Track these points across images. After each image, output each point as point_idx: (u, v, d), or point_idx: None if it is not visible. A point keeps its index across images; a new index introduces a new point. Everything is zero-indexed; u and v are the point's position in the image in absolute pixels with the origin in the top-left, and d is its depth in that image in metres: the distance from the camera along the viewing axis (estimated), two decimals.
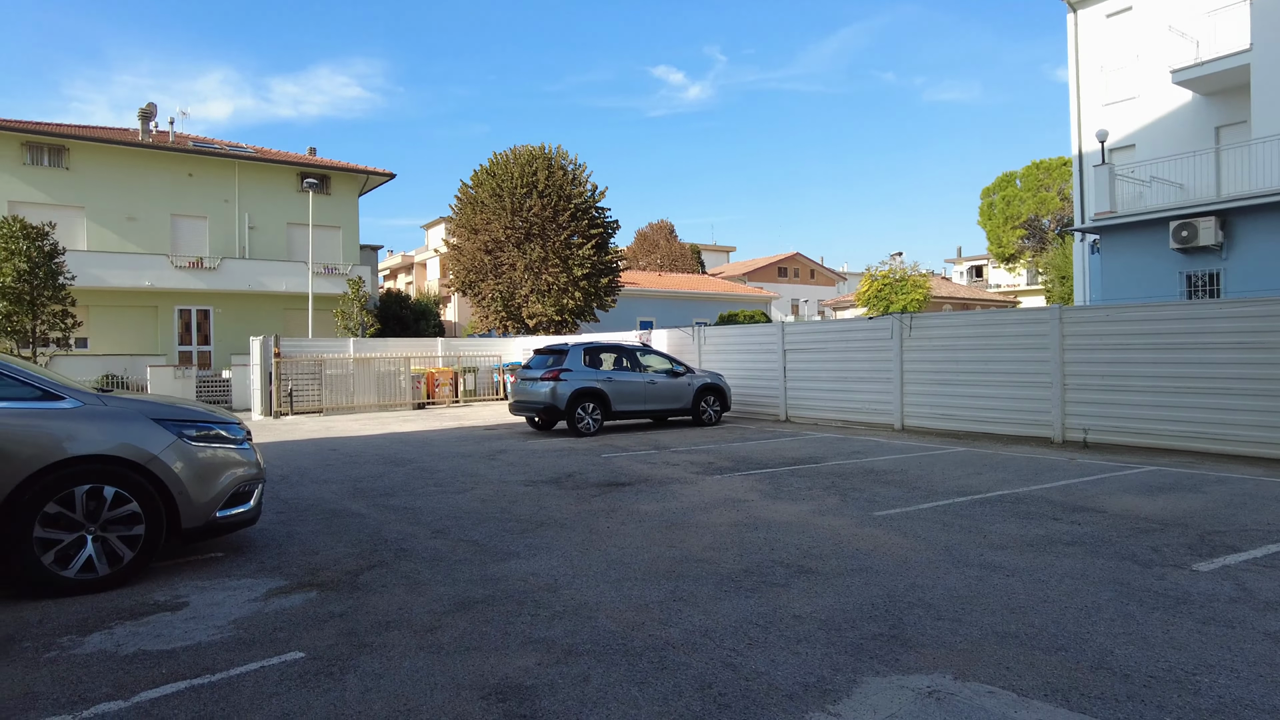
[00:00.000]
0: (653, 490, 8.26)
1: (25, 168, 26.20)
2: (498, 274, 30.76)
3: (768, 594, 4.67)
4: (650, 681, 3.45)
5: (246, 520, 5.72)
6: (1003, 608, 4.37)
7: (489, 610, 4.46)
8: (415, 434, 14.92)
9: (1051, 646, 3.80)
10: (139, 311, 27.94)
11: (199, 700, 3.31)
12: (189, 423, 5.43)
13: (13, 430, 4.77)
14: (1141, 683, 3.37)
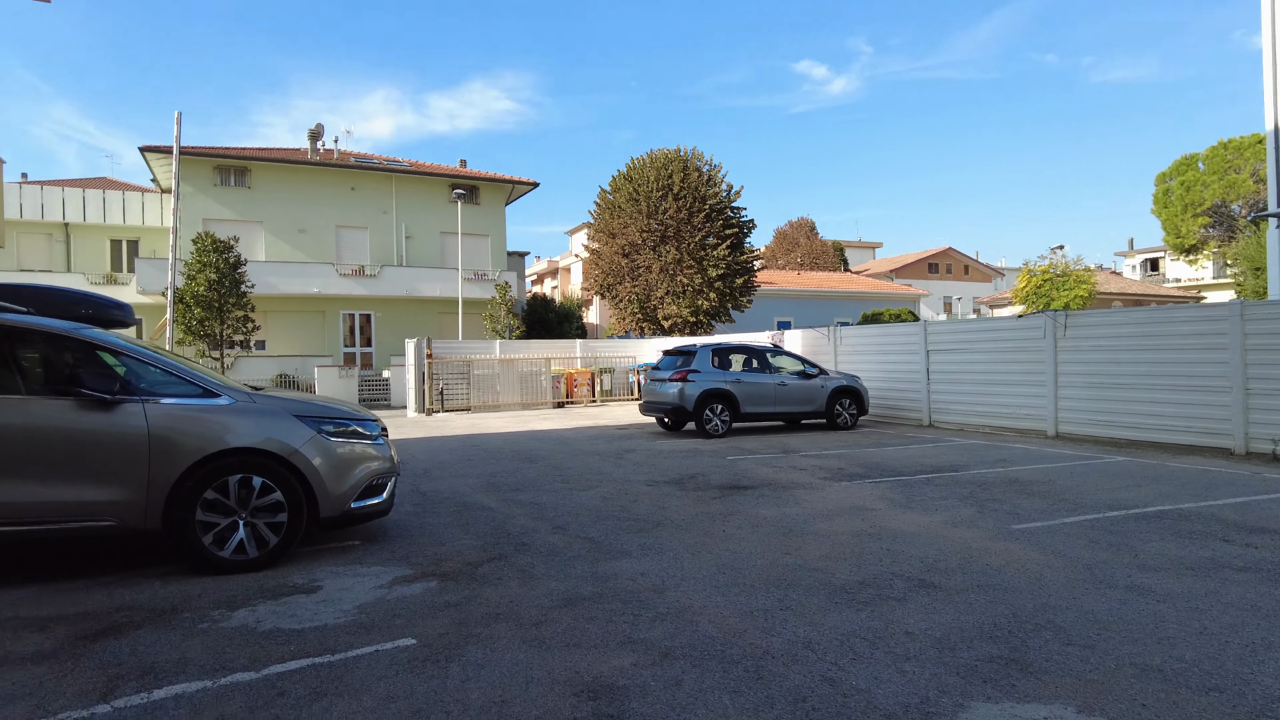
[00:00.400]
0: (774, 495, 8.10)
1: (215, 188, 29.21)
2: (634, 277, 31.21)
3: (881, 608, 4.45)
4: (743, 690, 3.37)
5: (379, 511, 6.09)
6: (1148, 637, 3.95)
7: (594, 608, 4.51)
8: (551, 432, 15.39)
9: (1203, 686, 3.39)
10: (309, 316, 30.47)
11: (317, 677, 3.55)
12: (327, 419, 5.85)
13: (181, 423, 5.31)
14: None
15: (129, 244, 31.55)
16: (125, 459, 5.12)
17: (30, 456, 4.96)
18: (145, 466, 5.14)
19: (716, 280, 30.16)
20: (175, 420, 5.30)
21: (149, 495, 5.15)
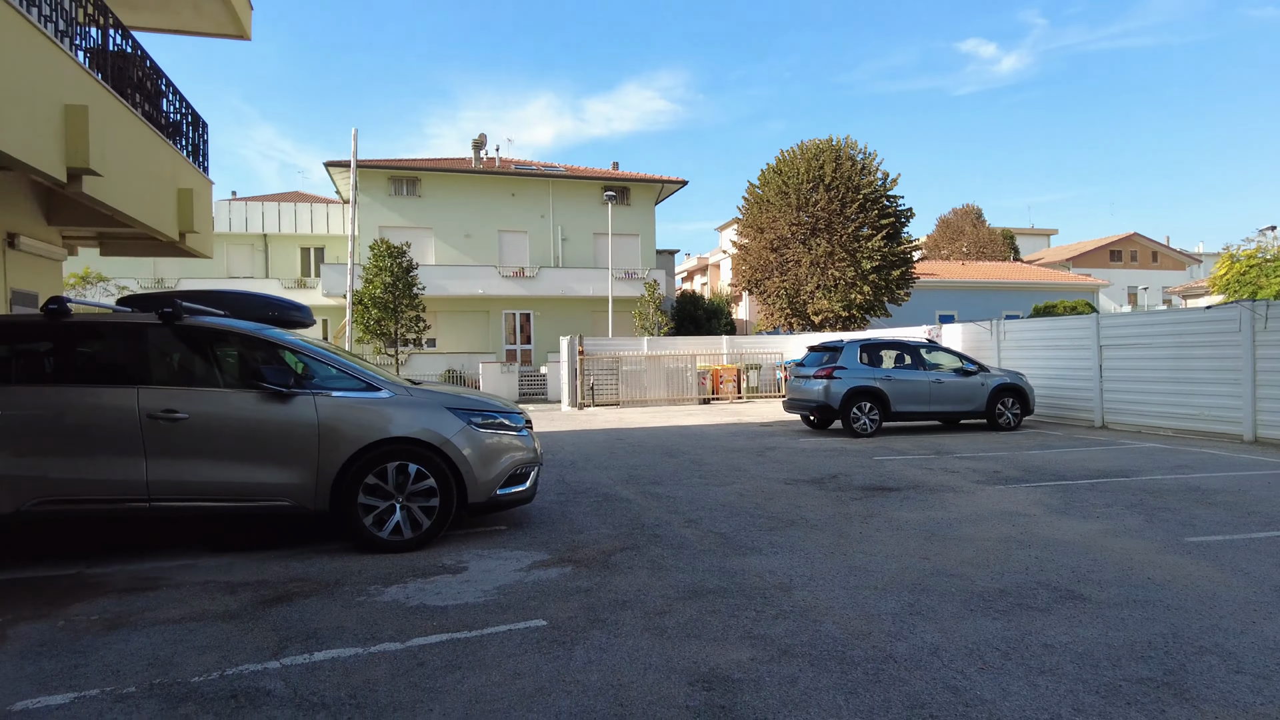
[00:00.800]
0: (920, 498, 7.79)
1: (390, 198, 31.59)
2: (783, 271, 30.76)
3: (1020, 618, 4.21)
4: (859, 692, 3.32)
5: (522, 499, 6.44)
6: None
7: (718, 601, 4.57)
8: (694, 428, 15.52)
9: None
10: (474, 315, 32.33)
11: (453, 651, 3.84)
12: (476, 411, 6.25)
13: (346, 414, 5.86)
14: None
15: (316, 251, 34.77)
16: (299, 446, 5.72)
17: (225, 442, 5.65)
18: (315, 453, 5.72)
19: (871, 273, 29.18)
20: (342, 411, 5.86)
21: (318, 479, 5.72)
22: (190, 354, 5.99)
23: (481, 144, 34.61)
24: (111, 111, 8.44)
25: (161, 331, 5.86)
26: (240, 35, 13.60)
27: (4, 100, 6.37)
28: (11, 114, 6.49)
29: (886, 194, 30.16)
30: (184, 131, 11.62)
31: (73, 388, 5.64)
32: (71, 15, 8.00)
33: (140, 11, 12.60)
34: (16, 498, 5.32)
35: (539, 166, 35.42)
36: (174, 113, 11.25)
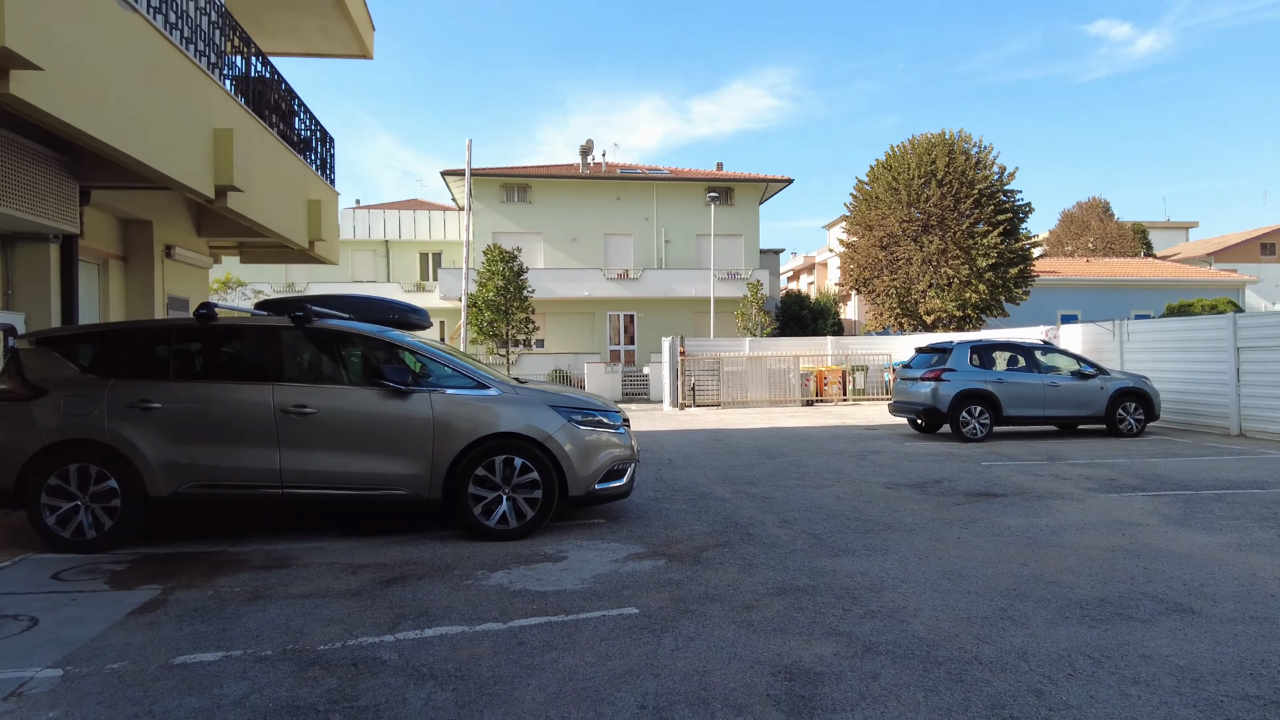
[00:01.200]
0: (1026, 504, 7.56)
1: (502, 204, 32.77)
2: (893, 270, 29.99)
3: (1119, 628, 4.11)
4: (939, 690, 3.36)
5: (619, 494, 6.69)
6: None
7: (806, 599, 4.66)
8: (795, 429, 15.44)
9: None
10: (580, 317, 33.10)
11: (550, 633, 4.11)
12: (577, 409, 6.55)
13: (459, 410, 6.27)
14: None
15: (434, 256, 36.46)
16: (415, 439, 6.16)
17: (349, 435, 6.16)
18: (430, 446, 6.15)
19: (986, 271, 28.07)
20: (454, 407, 6.27)
21: (433, 470, 6.15)
22: (319, 354, 6.55)
23: (588, 150, 35.37)
24: (252, 132, 9.26)
25: (294, 333, 6.44)
26: (364, 55, 14.55)
27: (167, 129, 7.15)
28: (173, 141, 7.27)
29: (1003, 189, 28.94)
30: (313, 147, 12.54)
31: (218, 384, 6.29)
32: (221, 48, 8.84)
33: (277, 39, 13.68)
34: (173, 481, 5.98)
35: (643, 170, 35.88)
36: (304, 130, 12.17)
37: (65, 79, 5.55)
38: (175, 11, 7.64)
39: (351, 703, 3.31)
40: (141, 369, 6.25)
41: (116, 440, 5.93)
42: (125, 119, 6.44)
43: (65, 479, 5.91)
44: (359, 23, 13.37)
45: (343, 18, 12.90)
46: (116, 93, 6.30)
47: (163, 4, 7.36)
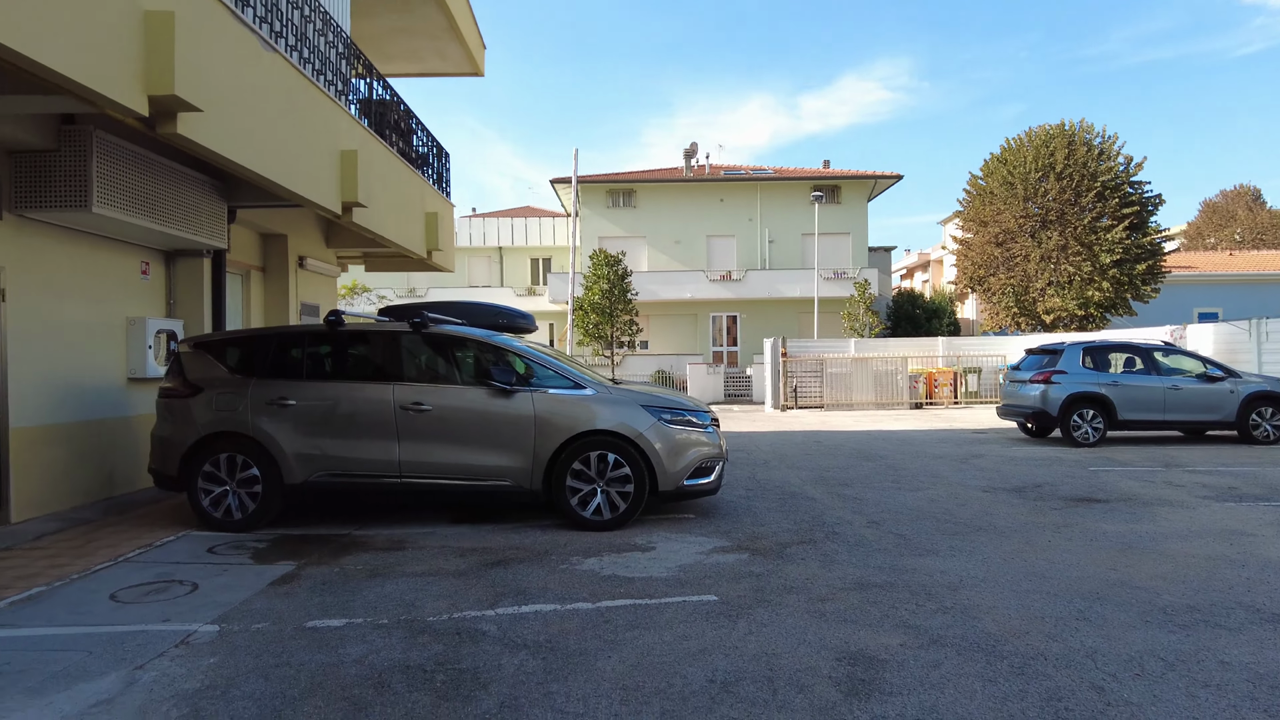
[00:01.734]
0: (1129, 510, 7.35)
1: (608, 209, 33.55)
2: (1009, 267, 28.84)
3: (1202, 634, 4.07)
4: (998, 681, 3.49)
5: (707, 490, 6.98)
6: None
7: (881, 594, 4.81)
8: (898, 432, 15.23)
9: None
10: (683, 318, 33.45)
11: (634, 614, 4.45)
12: (666, 409, 6.88)
13: (558, 408, 6.73)
14: None
15: (544, 261, 37.71)
16: (519, 434, 6.66)
17: (460, 430, 6.71)
18: (532, 441, 6.63)
19: (1110, 267, 26.61)
20: (554, 406, 6.73)
21: (534, 464, 6.63)
22: (434, 356, 7.15)
23: (692, 153, 35.69)
24: (374, 152, 10.08)
25: (412, 337, 7.07)
26: (475, 73, 15.41)
27: (301, 153, 7.96)
28: (306, 164, 8.08)
29: (1129, 180, 27.33)
30: (430, 162, 13.42)
31: (345, 383, 6.98)
32: (345, 75, 9.69)
33: (396, 61, 14.71)
34: (305, 470, 6.70)
35: (747, 171, 35.88)
36: (421, 146, 13.04)
37: (219, 116, 6.34)
38: (308, 47, 8.47)
39: (454, 665, 3.76)
40: (279, 369, 7.02)
41: (258, 433, 6.70)
42: (267, 147, 7.25)
43: (217, 466, 6.73)
44: (470, 43, 14.19)
45: (455, 39, 13.74)
46: (260, 124, 7.10)
47: (298, 42, 8.20)
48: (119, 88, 5.28)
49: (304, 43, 8.35)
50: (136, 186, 7.37)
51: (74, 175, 6.85)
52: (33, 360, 7.18)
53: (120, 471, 8.30)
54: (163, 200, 7.74)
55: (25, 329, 7.10)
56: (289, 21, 8.02)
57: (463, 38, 13.70)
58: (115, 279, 8.32)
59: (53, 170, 6.86)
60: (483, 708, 3.30)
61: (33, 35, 4.54)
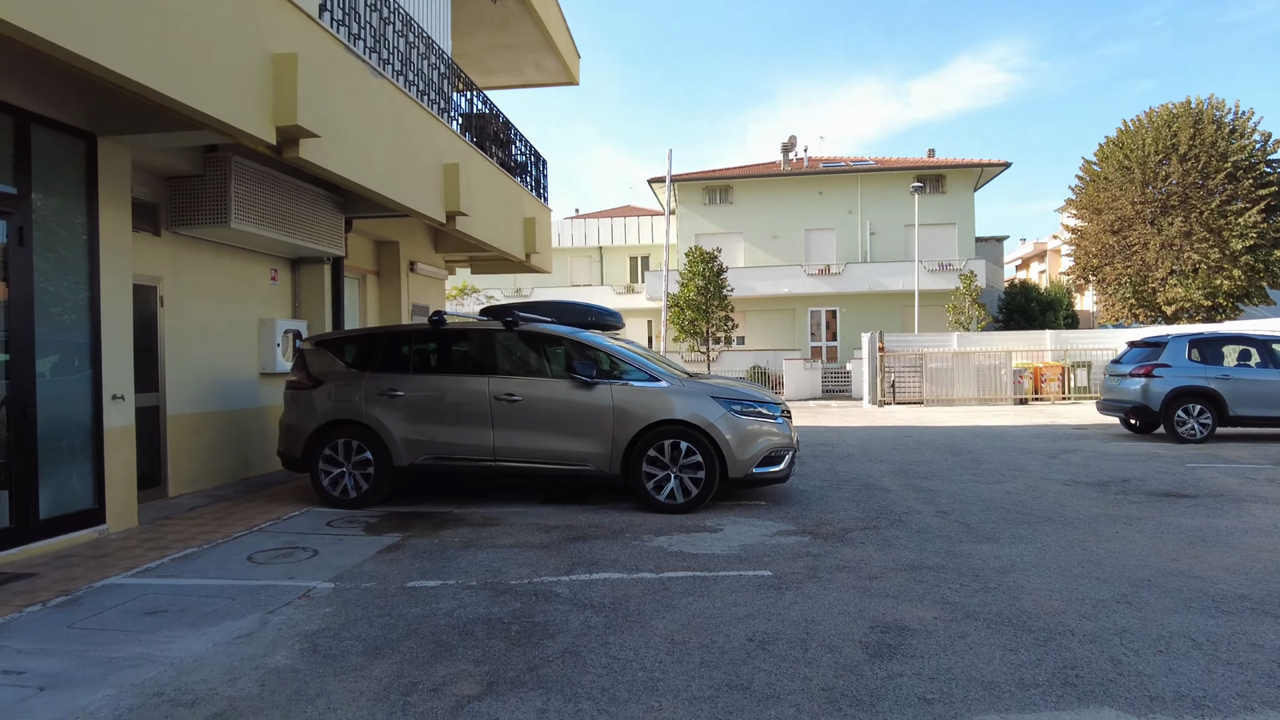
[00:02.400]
0: (1216, 506, 7.20)
1: (704, 206, 33.89)
2: (1126, 256, 27.42)
3: (1244, 620, 4.15)
4: (1018, 650, 3.74)
5: (777, 478, 7.32)
6: None
7: (930, 575, 5.07)
8: (993, 428, 14.97)
9: None
10: (780, 314, 33.41)
11: (692, 584, 4.90)
12: (737, 401, 7.27)
13: (634, 399, 7.23)
14: None
15: (642, 259, 38.43)
16: (599, 423, 7.20)
17: (546, 418, 7.32)
18: (611, 429, 7.16)
19: (1243, 253, 24.95)
20: (631, 397, 7.24)
21: (612, 450, 7.16)
22: (524, 351, 7.80)
23: (790, 146, 35.55)
24: (475, 164, 10.87)
25: (505, 335, 7.73)
26: (570, 82, 16.12)
27: (408, 167, 8.78)
28: (413, 177, 8.90)
29: (1266, 160, 25.46)
30: (528, 169, 14.20)
31: (447, 376, 7.72)
32: (447, 94, 10.51)
33: (497, 74, 15.59)
34: (413, 453, 7.47)
35: (847, 162, 35.40)
36: (519, 155, 13.83)
37: (335, 140, 7.17)
38: (412, 70, 9.30)
39: (528, 619, 4.31)
40: (389, 364, 7.83)
41: (371, 421, 7.52)
42: (377, 164, 8.07)
43: (335, 450, 7.59)
44: (565, 55, 14.90)
45: (551, 52, 14.47)
46: (371, 144, 7.93)
47: (403, 66, 9.03)
48: (252, 122, 6.13)
49: (409, 66, 9.18)
50: (267, 203, 8.36)
51: (217, 196, 7.87)
52: (184, 357, 8.29)
53: (254, 456, 9.38)
54: (289, 214, 8.72)
55: (178, 330, 8.21)
56: (395, 49, 8.85)
57: (558, 50, 14.41)
58: (249, 285, 9.41)
59: (200, 192, 7.90)
60: (548, 653, 3.83)
61: (188, 85, 5.40)
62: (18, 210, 5.86)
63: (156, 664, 3.77)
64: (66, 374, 6.37)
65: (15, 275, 5.85)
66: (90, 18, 4.65)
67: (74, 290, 6.39)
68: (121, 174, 6.80)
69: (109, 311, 6.63)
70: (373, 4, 8.38)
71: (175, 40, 5.32)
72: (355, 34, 7.94)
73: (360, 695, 3.39)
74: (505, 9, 12.79)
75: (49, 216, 6.15)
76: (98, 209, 6.54)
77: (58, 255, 6.23)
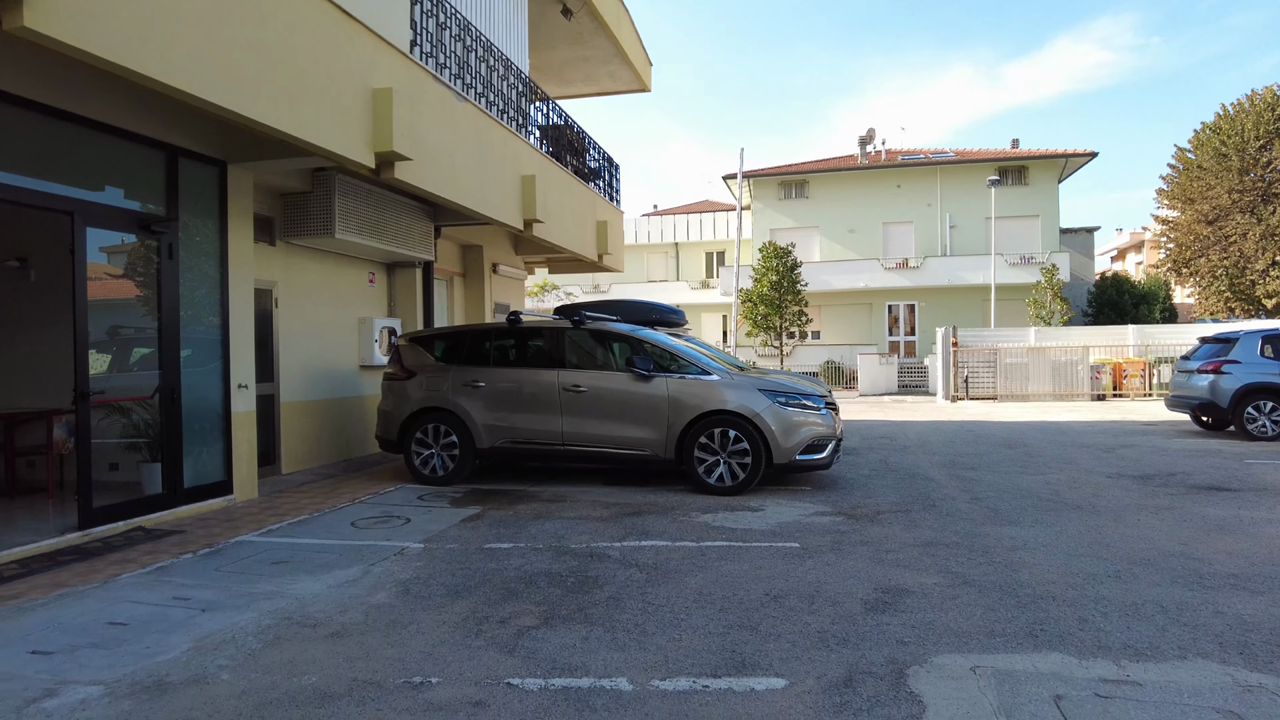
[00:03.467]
0: (1252, 499, 7.41)
1: (780, 202, 34.16)
2: (1223, 248, 26.36)
3: (1222, 594, 4.58)
4: (998, 610, 4.30)
5: (819, 465, 7.92)
6: None
7: (943, 550, 5.62)
8: (1059, 423, 15.00)
9: None
10: (857, 308, 33.40)
11: (726, 551, 5.61)
12: (782, 393, 7.90)
13: (688, 390, 7.95)
14: None
15: (718, 255, 38.92)
16: (655, 412, 7.96)
17: (608, 407, 8.13)
18: (665, 418, 7.91)
19: None
20: (684, 388, 7.97)
21: (667, 437, 7.91)
22: (591, 347, 8.62)
23: (869, 140, 35.37)
24: (550, 174, 11.77)
25: (573, 332, 8.58)
26: (643, 89, 16.89)
27: (490, 180, 9.73)
28: (494, 189, 9.85)
29: None
30: (600, 174, 15.06)
31: (522, 369, 8.62)
32: (525, 110, 11.44)
33: (575, 84, 16.50)
34: (493, 437, 8.41)
35: (926, 155, 35.01)
36: (592, 161, 14.70)
37: (425, 160, 8.13)
38: (493, 91, 10.24)
39: (582, 574, 5.12)
40: (473, 358, 8.79)
41: (456, 408, 8.49)
42: (463, 180, 9.03)
43: (425, 434, 8.60)
44: (638, 65, 15.67)
45: (624, 63, 15.28)
46: (456, 161, 8.89)
47: (485, 89, 9.98)
48: (355, 149, 7.14)
49: (489, 89, 10.12)
50: (366, 215, 9.44)
51: (323, 209, 8.98)
52: (294, 352, 9.46)
53: (354, 439, 10.54)
54: (385, 224, 9.79)
55: (290, 328, 9.38)
56: (477, 74, 9.80)
57: (630, 62, 15.21)
58: (350, 287, 10.56)
59: (308, 207, 9.03)
60: (595, 599, 4.61)
61: (306, 124, 6.42)
62: (168, 229, 7.03)
63: (285, 598, 4.74)
64: (201, 366, 7.54)
65: (165, 284, 7.03)
66: (237, 77, 5.68)
67: (207, 295, 7.55)
68: (245, 194, 7.94)
69: (235, 312, 7.78)
70: (457, 35, 9.34)
71: (300, 89, 6.35)
72: (441, 64, 8.90)
73: (442, 624, 4.25)
74: (579, 24, 13.65)
75: (188, 233, 7.30)
76: (227, 225, 7.70)
77: (195, 265, 7.39)
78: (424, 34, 8.56)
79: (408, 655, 3.83)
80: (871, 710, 3.17)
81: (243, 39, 5.78)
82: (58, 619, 4.43)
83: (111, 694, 3.46)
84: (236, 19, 5.73)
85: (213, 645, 4.00)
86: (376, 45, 7.45)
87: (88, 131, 6.27)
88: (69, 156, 6.20)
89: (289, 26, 6.29)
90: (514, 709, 3.24)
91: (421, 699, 3.34)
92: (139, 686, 3.53)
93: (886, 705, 3.21)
